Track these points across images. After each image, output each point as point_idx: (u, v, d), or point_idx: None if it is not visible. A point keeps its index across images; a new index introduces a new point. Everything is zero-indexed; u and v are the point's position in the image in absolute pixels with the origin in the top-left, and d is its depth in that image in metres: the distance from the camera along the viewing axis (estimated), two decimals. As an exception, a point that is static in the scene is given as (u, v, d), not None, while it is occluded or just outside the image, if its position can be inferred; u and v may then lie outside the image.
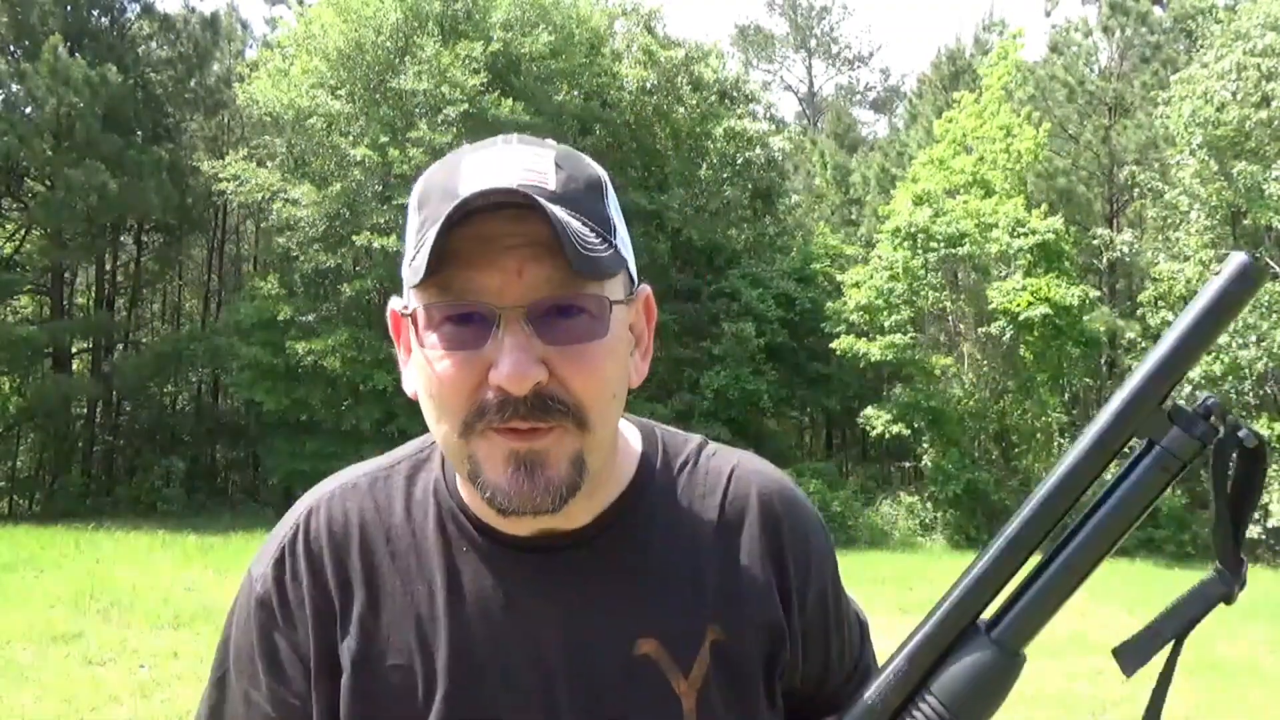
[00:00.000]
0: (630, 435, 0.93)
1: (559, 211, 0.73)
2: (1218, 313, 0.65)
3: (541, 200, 0.72)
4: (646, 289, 0.87)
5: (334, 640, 0.86)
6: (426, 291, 0.75)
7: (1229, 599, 0.67)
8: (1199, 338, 0.65)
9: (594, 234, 0.76)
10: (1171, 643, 0.68)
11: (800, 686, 0.92)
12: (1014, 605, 0.70)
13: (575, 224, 0.74)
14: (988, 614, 0.72)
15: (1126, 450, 0.69)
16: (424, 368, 0.77)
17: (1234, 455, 0.66)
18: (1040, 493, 0.69)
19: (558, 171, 0.78)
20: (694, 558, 0.88)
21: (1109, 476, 0.70)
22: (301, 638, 0.87)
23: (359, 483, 0.92)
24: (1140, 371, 0.67)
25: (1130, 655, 0.68)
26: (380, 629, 0.86)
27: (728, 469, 0.93)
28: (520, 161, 0.77)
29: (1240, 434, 0.64)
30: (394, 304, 0.83)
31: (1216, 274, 0.65)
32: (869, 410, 18.80)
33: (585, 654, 0.84)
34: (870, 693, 0.72)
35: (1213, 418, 0.65)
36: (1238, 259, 0.64)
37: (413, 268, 0.74)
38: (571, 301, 0.75)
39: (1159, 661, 0.68)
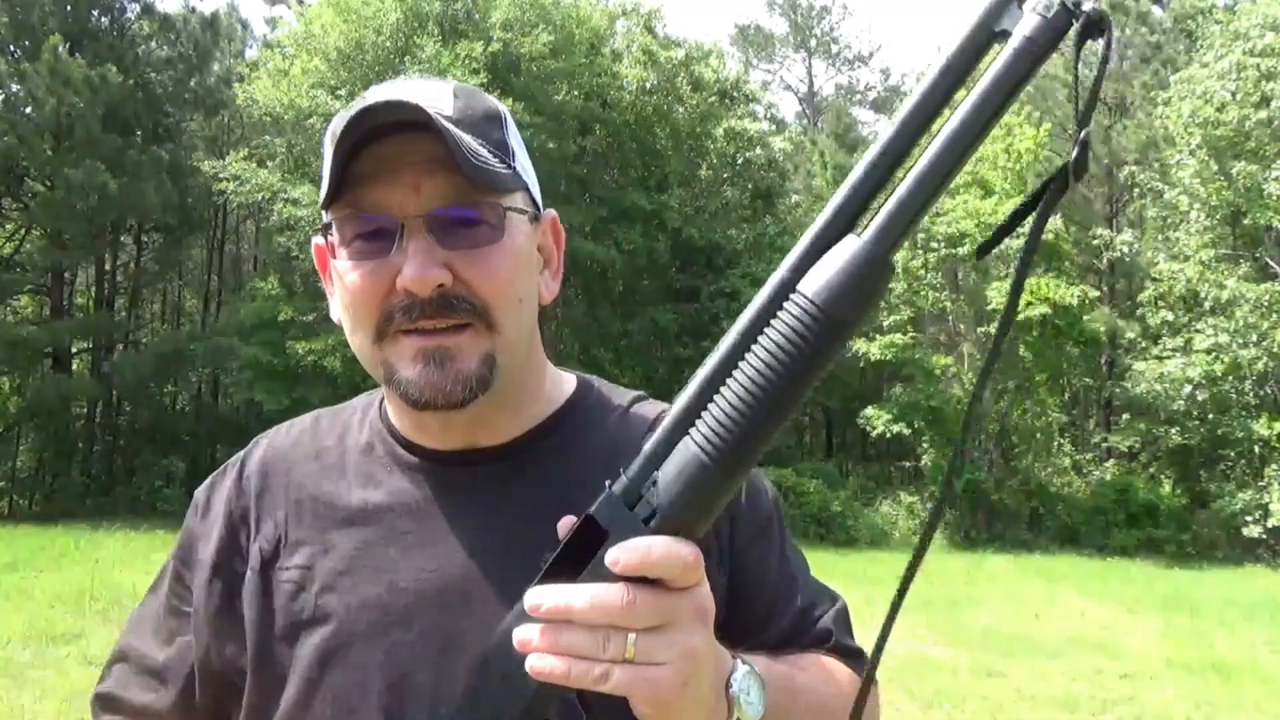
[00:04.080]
0: (566, 376, 0.98)
1: (453, 130, 0.77)
2: None
3: (435, 117, 0.76)
4: (552, 213, 0.92)
5: (241, 543, 0.93)
6: (337, 211, 0.81)
7: (1066, 184, 0.64)
8: None
9: (490, 153, 0.81)
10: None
11: (738, 633, 0.88)
12: (882, 208, 0.67)
13: (470, 141, 0.79)
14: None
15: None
16: (339, 283, 0.83)
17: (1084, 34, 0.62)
18: (912, 98, 0.66)
19: (455, 100, 0.84)
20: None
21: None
22: (210, 532, 0.95)
23: (307, 416, 1.02)
24: None
25: (987, 244, 0.72)
26: (291, 535, 0.91)
27: (655, 413, 0.96)
28: (418, 91, 0.82)
29: (1087, 8, 0.61)
30: (316, 239, 0.88)
31: None
32: (869, 410, 18.80)
33: (499, 562, 0.85)
34: (752, 302, 0.69)
35: None
36: None
37: (324, 191, 0.80)
38: (469, 210, 0.80)
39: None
